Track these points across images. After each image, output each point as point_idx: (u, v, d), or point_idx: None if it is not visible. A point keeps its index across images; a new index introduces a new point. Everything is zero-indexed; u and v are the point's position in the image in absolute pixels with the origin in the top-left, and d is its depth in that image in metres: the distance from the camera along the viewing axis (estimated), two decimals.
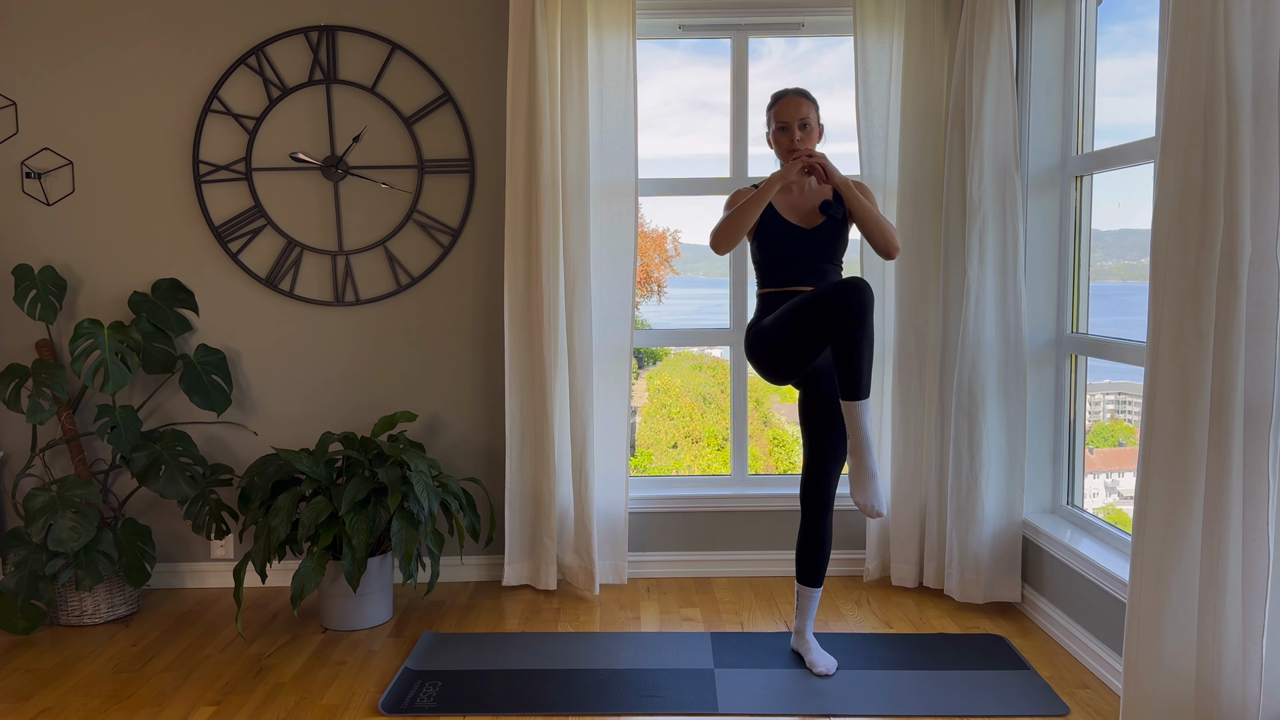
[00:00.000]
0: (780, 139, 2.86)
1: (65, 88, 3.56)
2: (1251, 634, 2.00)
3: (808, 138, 2.84)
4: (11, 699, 2.76)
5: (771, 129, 2.89)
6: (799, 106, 2.84)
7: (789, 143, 2.84)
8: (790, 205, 2.87)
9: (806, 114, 2.84)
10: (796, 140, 2.83)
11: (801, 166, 2.77)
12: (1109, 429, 3.45)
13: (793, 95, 2.86)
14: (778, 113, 2.86)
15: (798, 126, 2.83)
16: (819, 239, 2.82)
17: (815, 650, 2.90)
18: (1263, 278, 1.97)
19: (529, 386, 3.53)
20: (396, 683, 2.80)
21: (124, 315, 3.61)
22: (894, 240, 2.79)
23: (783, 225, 2.84)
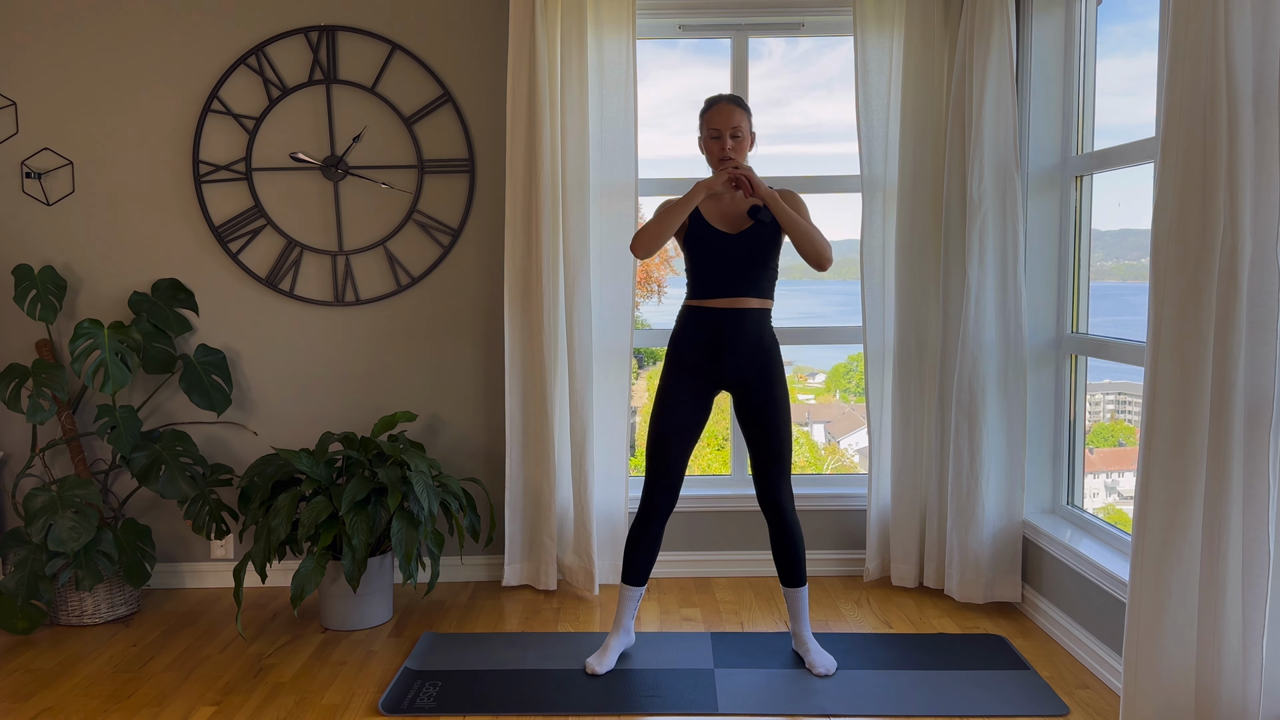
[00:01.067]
0: (711, 146, 2.84)
1: (65, 88, 3.56)
2: (1251, 634, 2.00)
3: (739, 146, 2.83)
4: (11, 699, 2.76)
5: (703, 134, 2.87)
6: (731, 114, 2.81)
7: (720, 150, 2.82)
8: (720, 213, 2.85)
9: (739, 122, 2.82)
10: (728, 148, 2.81)
11: (728, 179, 2.75)
12: (1109, 429, 3.45)
13: (726, 102, 2.84)
14: (710, 119, 2.84)
15: (729, 135, 2.81)
16: (747, 245, 2.80)
17: (814, 650, 2.90)
18: (1263, 278, 1.97)
19: (529, 386, 3.53)
20: (396, 683, 2.80)
21: (124, 315, 3.61)
22: (824, 251, 2.74)
23: (711, 233, 2.82)
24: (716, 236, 2.82)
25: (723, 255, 2.80)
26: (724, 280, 2.81)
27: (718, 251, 2.81)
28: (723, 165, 2.81)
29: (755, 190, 2.74)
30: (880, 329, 3.53)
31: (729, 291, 2.81)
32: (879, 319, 3.53)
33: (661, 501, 2.87)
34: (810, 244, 2.73)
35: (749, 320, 2.82)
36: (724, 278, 2.81)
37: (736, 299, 2.81)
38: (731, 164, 2.77)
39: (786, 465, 2.87)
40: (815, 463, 4.47)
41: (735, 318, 2.81)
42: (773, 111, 3.93)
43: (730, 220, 2.84)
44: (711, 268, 2.81)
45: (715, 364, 2.82)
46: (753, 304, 2.82)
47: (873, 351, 3.54)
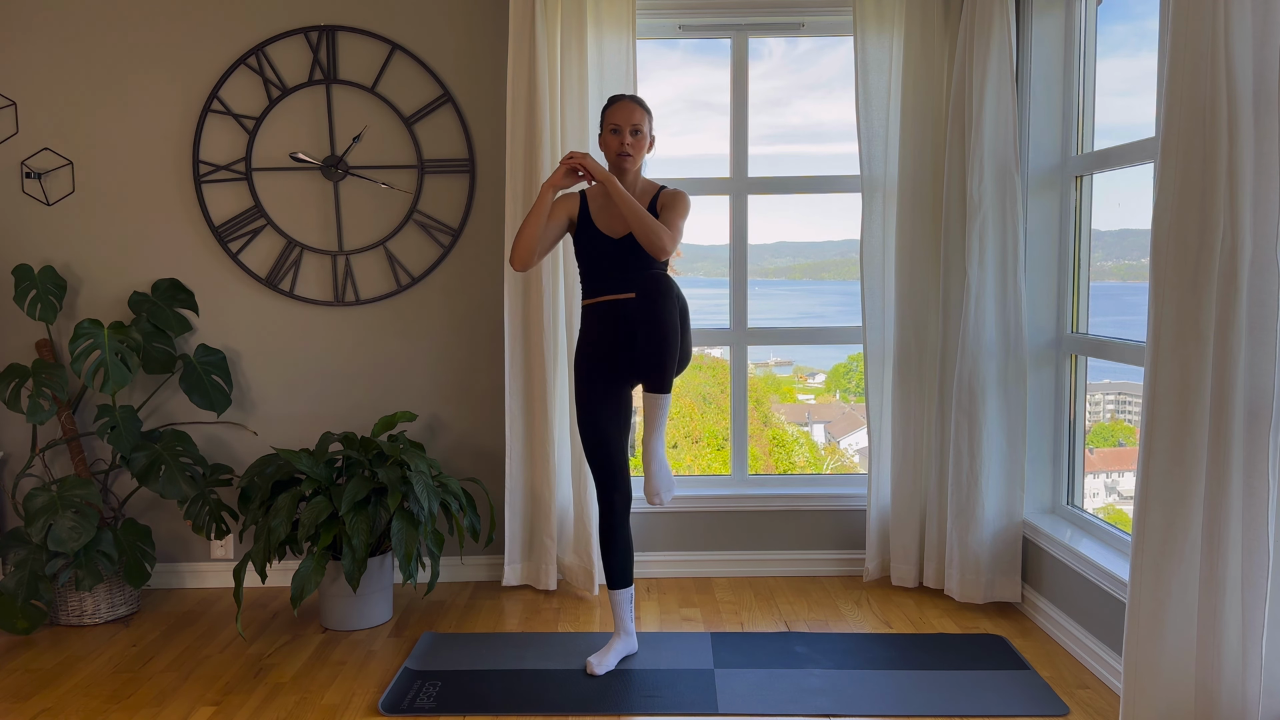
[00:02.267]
0: (610, 141, 2.86)
1: (65, 88, 3.56)
2: (1251, 634, 2.00)
3: (637, 143, 2.84)
4: (11, 699, 2.76)
5: (603, 130, 2.88)
6: (632, 112, 2.84)
7: (619, 145, 2.84)
8: (608, 217, 2.88)
9: (639, 121, 2.84)
10: (626, 144, 2.83)
11: (565, 169, 2.78)
12: (1109, 429, 3.45)
13: (629, 101, 2.87)
14: (611, 115, 2.86)
15: (629, 131, 2.82)
16: (628, 246, 2.83)
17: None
18: (1263, 278, 1.97)
19: (529, 386, 3.53)
20: (396, 683, 2.80)
21: (124, 315, 3.61)
22: (657, 240, 2.68)
23: (595, 236, 2.87)
24: (599, 239, 2.87)
25: (606, 257, 2.86)
26: (612, 279, 2.85)
27: (601, 253, 2.87)
28: (619, 160, 2.84)
29: (593, 175, 2.76)
30: (880, 329, 3.53)
31: (619, 288, 2.85)
32: (879, 319, 3.53)
33: (619, 501, 2.92)
34: (643, 232, 2.70)
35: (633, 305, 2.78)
36: (612, 277, 2.85)
37: (627, 293, 2.83)
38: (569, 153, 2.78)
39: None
40: (815, 463, 4.47)
41: (622, 304, 2.84)
42: (773, 111, 3.93)
43: (613, 224, 2.87)
44: (598, 268, 2.87)
45: (623, 352, 2.84)
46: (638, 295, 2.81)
47: (873, 351, 3.54)
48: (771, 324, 3.89)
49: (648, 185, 2.93)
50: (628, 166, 2.85)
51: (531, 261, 2.82)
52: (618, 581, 2.94)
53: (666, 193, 2.88)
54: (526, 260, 2.81)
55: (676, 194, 2.87)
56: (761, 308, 3.83)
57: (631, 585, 2.96)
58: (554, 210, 2.87)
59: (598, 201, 2.90)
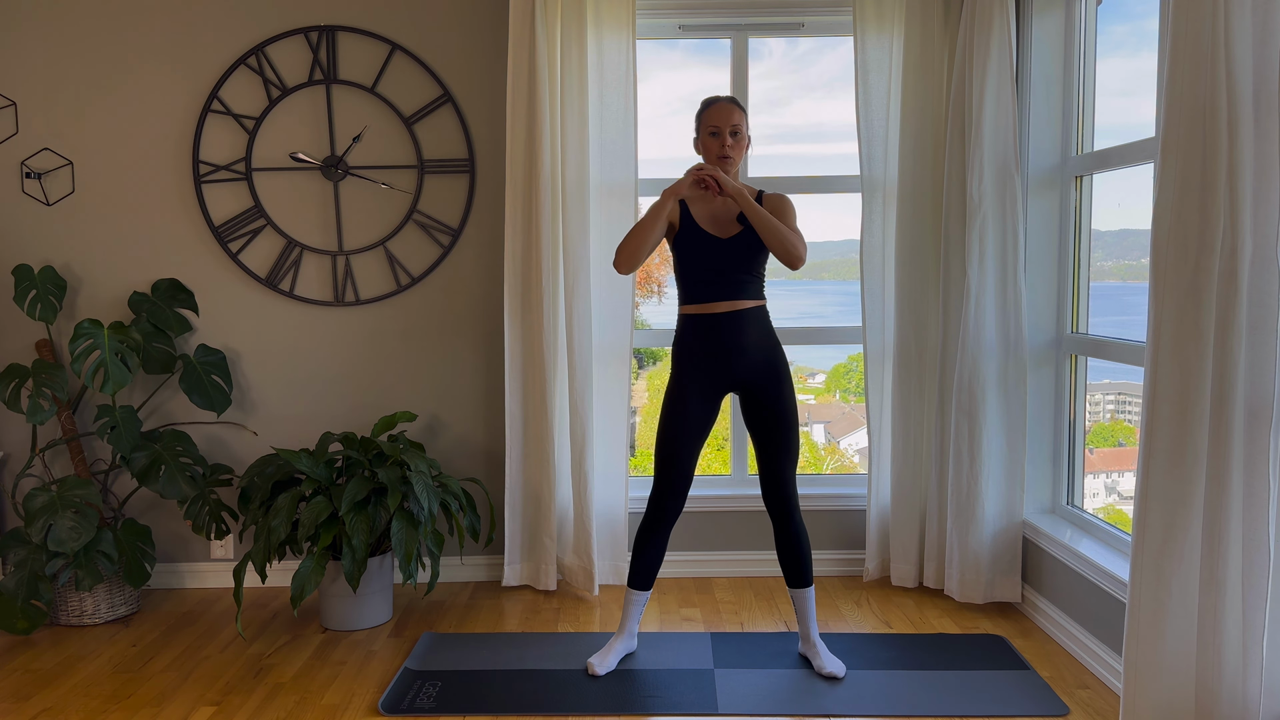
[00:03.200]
0: (710, 144, 2.83)
1: (65, 88, 3.56)
2: (1251, 634, 2.00)
3: (737, 145, 2.82)
4: (11, 699, 2.76)
5: (701, 134, 2.86)
6: (731, 113, 2.81)
7: (719, 148, 2.81)
8: (710, 215, 2.84)
9: (738, 121, 2.81)
10: (726, 147, 2.80)
11: (694, 180, 2.74)
12: (1109, 429, 3.45)
13: (725, 102, 2.84)
14: (709, 118, 2.83)
15: (729, 133, 2.80)
16: (736, 249, 2.79)
17: (824, 654, 2.89)
18: (1263, 278, 1.97)
19: (529, 386, 3.53)
20: (396, 683, 2.80)
21: (124, 315, 3.61)
22: (795, 251, 2.71)
23: (700, 235, 2.81)
24: (709, 241, 2.81)
25: (712, 259, 2.80)
26: (718, 284, 2.80)
27: (707, 254, 2.81)
28: (721, 163, 2.81)
29: (723, 188, 2.73)
30: (880, 329, 3.53)
31: (725, 295, 2.80)
32: (879, 319, 3.53)
33: (671, 506, 2.87)
34: (780, 244, 2.70)
35: (750, 320, 2.82)
36: (718, 282, 2.80)
37: (735, 302, 2.80)
38: (696, 166, 2.76)
39: (794, 464, 2.88)
40: (815, 463, 4.47)
41: (737, 320, 2.80)
42: (773, 111, 3.93)
43: (721, 224, 2.83)
44: (705, 272, 2.81)
45: (723, 367, 2.81)
46: (750, 304, 2.82)
47: (873, 351, 3.54)
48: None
49: (746, 188, 2.86)
50: (728, 169, 2.82)
51: (638, 264, 2.79)
52: (641, 583, 2.92)
53: (771, 197, 2.85)
54: (633, 264, 2.78)
55: (783, 199, 2.84)
56: None
57: (649, 591, 2.94)
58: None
59: (699, 203, 2.85)
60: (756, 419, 2.86)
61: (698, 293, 2.83)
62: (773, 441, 2.85)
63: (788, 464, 2.87)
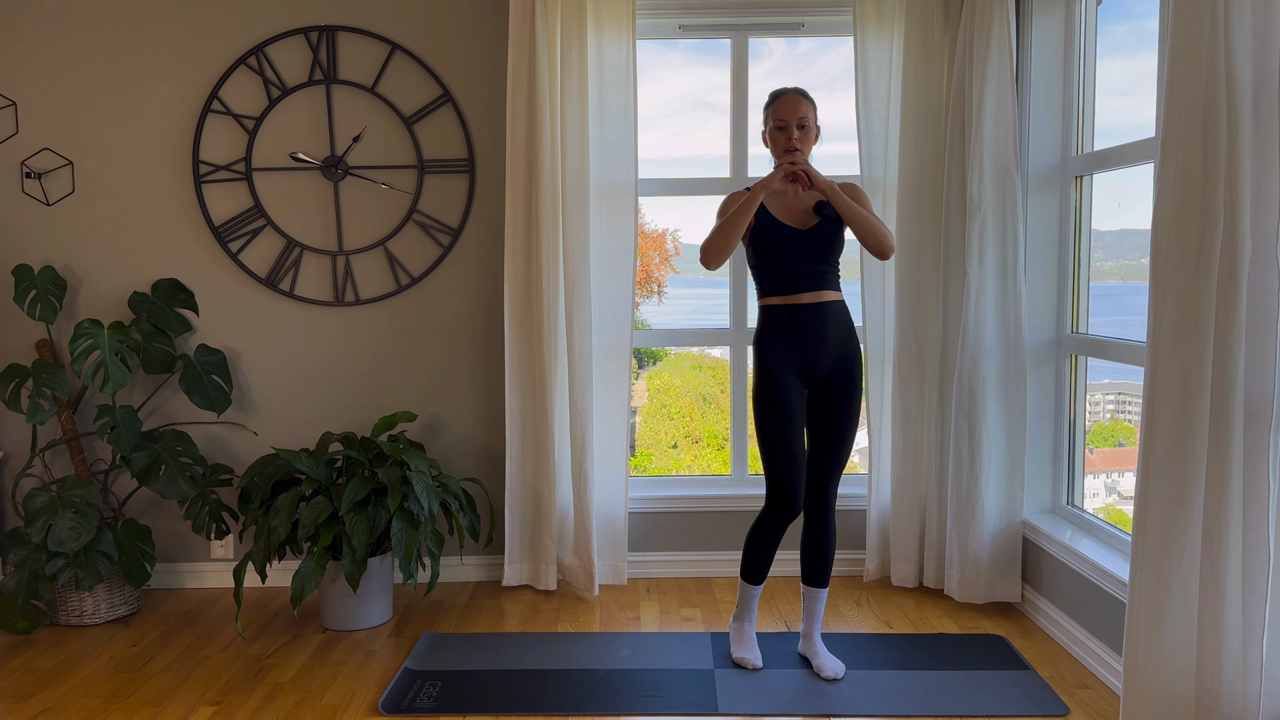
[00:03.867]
0: (778, 137, 2.82)
1: (65, 88, 3.56)
2: (1251, 634, 2.00)
3: (805, 138, 2.80)
4: (11, 699, 2.76)
5: (769, 127, 2.85)
6: (798, 105, 2.80)
7: (786, 141, 2.79)
8: (784, 207, 2.83)
9: (805, 114, 2.80)
10: (794, 139, 2.78)
11: (786, 174, 2.75)
12: (1109, 429, 3.45)
13: (793, 94, 2.82)
14: (776, 110, 2.82)
15: (796, 126, 2.79)
16: (815, 240, 2.78)
17: (824, 654, 2.89)
18: (1263, 278, 1.97)
19: (529, 386, 3.53)
20: (396, 683, 2.80)
21: (124, 315, 3.61)
22: (887, 241, 2.75)
23: (778, 227, 2.80)
24: (787, 231, 2.80)
25: (791, 250, 2.79)
26: (801, 275, 2.78)
27: (786, 245, 2.79)
28: (788, 156, 2.79)
29: (814, 183, 2.74)
30: (880, 329, 3.53)
31: (808, 286, 2.78)
32: (879, 319, 3.53)
33: (795, 502, 2.81)
34: (873, 235, 2.73)
35: (834, 313, 2.80)
36: (800, 273, 2.78)
37: (819, 293, 2.79)
38: (787, 160, 2.77)
39: (843, 466, 2.87)
40: None
41: (822, 311, 2.78)
42: None
43: (796, 215, 2.82)
44: (786, 263, 2.79)
45: (812, 360, 2.79)
46: (834, 296, 2.81)
47: (873, 352, 3.54)
48: None
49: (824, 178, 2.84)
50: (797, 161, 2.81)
51: (725, 260, 2.77)
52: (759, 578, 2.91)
53: (847, 187, 2.83)
54: (722, 260, 2.76)
55: (858, 189, 2.84)
56: None
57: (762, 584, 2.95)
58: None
59: (773, 197, 2.84)
60: (821, 415, 2.82)
61: (781, 284, 2.80)
62: (832, 440, 2.82)
63: (839, 463, 2.85)
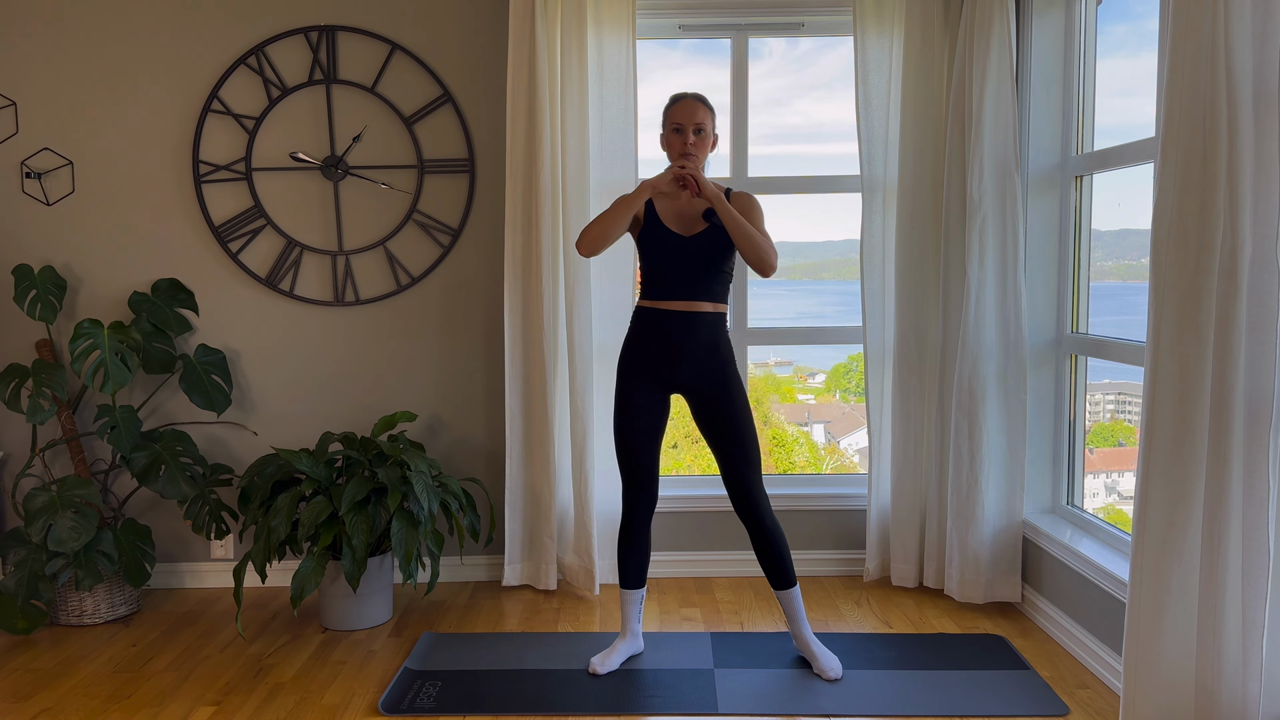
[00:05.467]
0: (674, 140, 2.81)
1: (65, 88, 3.56)
2: (1251, 634, 2.00)
3: (701, 143, 2.79)
4: (11, 699, 2.76)
5: (666, 130, 2.84)
6: (696, 111, 2.79)
7: (681, 145, 2.78)
8: (675, 212, 2.82)
9: (703, 120, 2.79)
10: (689, 144, 2.77)
11: (674, 177, 2.73)
12: (1109, 429, 3.45)
13: (692, 99, 2.82)
14: (674, 114, 2.82)
15: (692, 131, 2.78)
16: (696, 248, 2.76)
17: (821, 654, 2.87)
18: (1263, 278, 1.97)
19: (529, 386, 3.53)
20: (396, 683, 2.80)
21: (124, 315, 3.61)
22: (767, 258, 2.68)
23: (662, 232, 2.79)
24: (671, 237, 2.79)
25: (676, 257, 2.78)
26: (676, 282, 2.77)
27: (671, 253, 2.78)
28: (683, 160, 2.77)
29: (701, 190, 2.71)
30: (880, 329, 3.53)
31: (682, 294, 2.77)
32: (879, 319, 3.53)
33: (643, 505, 2.88)
34: (752, 249, 2.68)
35: (703, 324, 2.79)
36: (676, 280, 2.77)
37: (690, 302, 2.78)
38: (677, 165, 2.74)
39: (755, 467, 2.84)
40: (815, 463, 4.47)
41: (689, 321, 2.78)
42: (773, 111, 3.93)
43: (685, 222, 2.81)
44: (664, 269, 2.79)
45: (669, 368, 2.80)
46: (706, 307, 2.79)
47: (873, 351, 3.54)
48: (771, 324, 3.89)
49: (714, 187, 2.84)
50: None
51: (601, 249, 2.76)
52: (632, 581, 2.92)
53: (739, 196, 2.82)
54: (595, 249, 2.75)
55: (751, 199, 2.81)
56: (761, 308, 3.83)
57: (644, 587, 2.95)
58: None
59: (665, 200, 2.84)
60: (706, 426, 2.84)
61: (656, 290, 2.81)
62: (731, 448, 2.81)
63: (748, 470, 2.82)
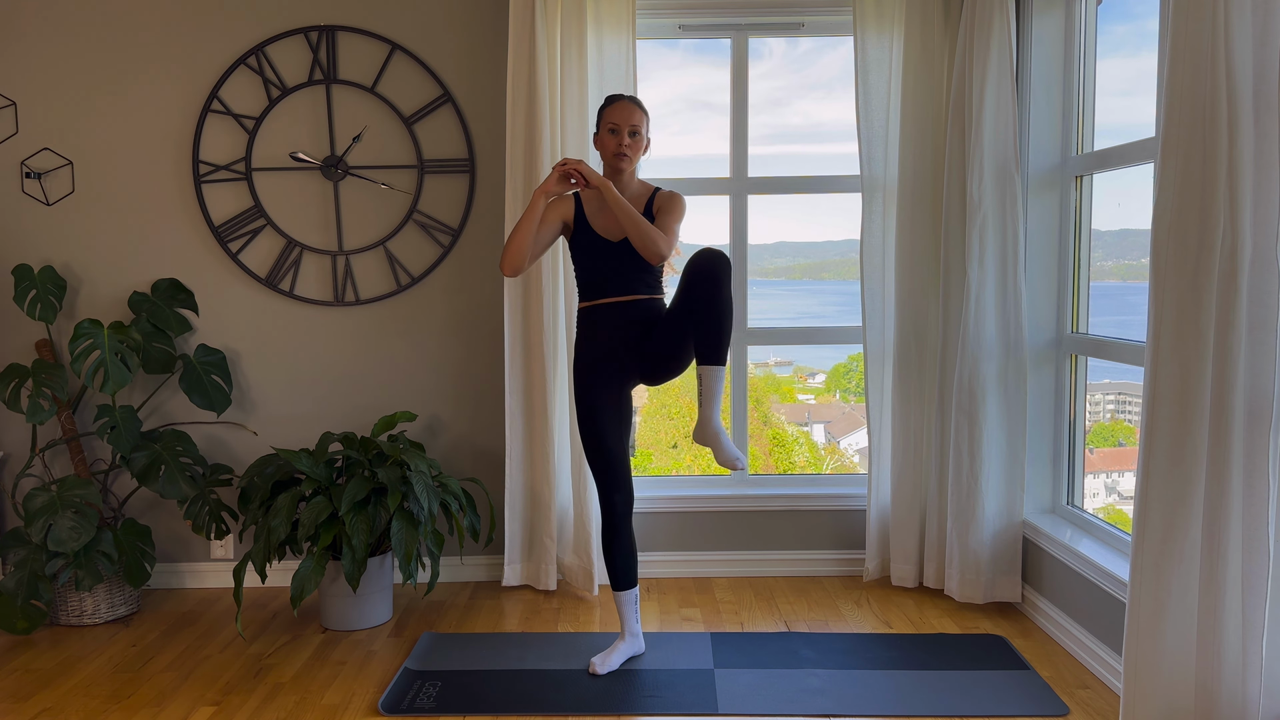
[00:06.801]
0: (608, 140, 2.84)
1: (65, 88, 3.56)
2: (1251, 634, 2.00)
3: (635, 144, 2.83)
4: (11, 699, 2.76)
5: (601, 130, 2.87)
6: (631, 113, 2.83)
7: (616, 145, 2.82)
8: (603, 219, 2.86)
9: (638, 122, 2.83)
10: (624, 145, 2.81)
11: (559, 175, 2.76)
12: (1109, 429, 3.45)
13: (628, 101, 2.85)
14: (610, 114, 2.84)
15: (627, 133, 2.81)
16: (624, 249, 2.82)
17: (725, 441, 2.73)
18: (1263, 278, 1.97)
19: (529, 386, 3.53)
20: (396, 683, 2.80)
21: (124, 315, 3.61)
22: (651, 245, 2.68)
23: (592, 239, 2.85)
24: (597, 241, 2.85)
25: (604, 260, 2.84)
26: (609, 283, 2.84)
27: (598, 256, 2.85)
28: (615, 160, 2.82)
29: (588, 181, 2.74)
30: (880, 329, 3.53)
31: (615, 292, 2.84)
32: (879, 319, 3.53)
33: (620, 501, 2.89)
34: (638, 235, 2.69)
35: (641, 306, 2.85)
36: (609, 281, 2.84)
37: (624, 296, 2.84)
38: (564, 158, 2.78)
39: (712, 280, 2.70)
40: (815, 463, 4.47)
41: (627, 309, 2.84)
42: (773, 111, 3.93)
43: (614, 226, 2.85)
44: (596, 272, 2.86)
45: (623, 352, 2.84)
46: (642, 296, 2.86)
47: (873, 351, 3.54)
48: (771, 324, 3.89)
49: (643, 187, 2.91)
50: (623, 167, 2.84)
51: (522, 267, 2.80)
52: (621, 583, 2.94)
53: (662, 195, 2.87)
54: (517, 265, 2.79)
55: (672, 196, 2.85)
56: (761, 308, 3.84)
57: (635, 586, 2.95)
58: (547, 213, 2.85)
59: (594, 204, 2.88)
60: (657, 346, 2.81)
61: (590, 291, 2.88)
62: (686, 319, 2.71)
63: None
